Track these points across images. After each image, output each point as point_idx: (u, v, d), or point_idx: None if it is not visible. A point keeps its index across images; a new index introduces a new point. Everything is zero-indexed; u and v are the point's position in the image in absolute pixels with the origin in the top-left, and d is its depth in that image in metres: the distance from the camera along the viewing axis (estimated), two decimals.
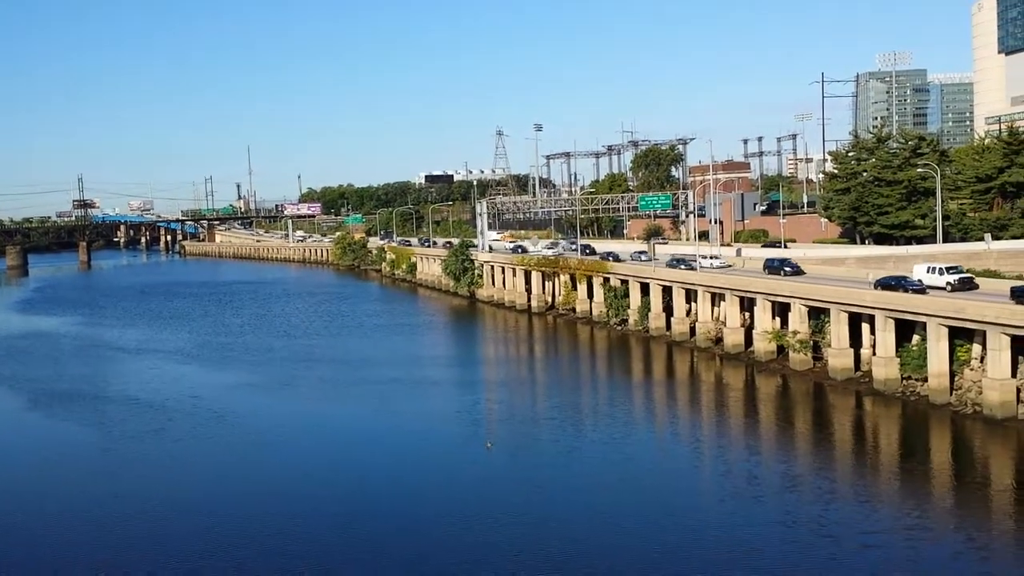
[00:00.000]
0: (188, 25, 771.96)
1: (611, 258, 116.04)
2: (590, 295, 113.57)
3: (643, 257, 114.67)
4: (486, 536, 43.44)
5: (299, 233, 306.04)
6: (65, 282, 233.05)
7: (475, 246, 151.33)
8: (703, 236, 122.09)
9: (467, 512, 46.94)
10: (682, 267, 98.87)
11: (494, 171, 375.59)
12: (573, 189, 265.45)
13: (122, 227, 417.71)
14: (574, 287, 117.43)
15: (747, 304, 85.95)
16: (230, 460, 59.33)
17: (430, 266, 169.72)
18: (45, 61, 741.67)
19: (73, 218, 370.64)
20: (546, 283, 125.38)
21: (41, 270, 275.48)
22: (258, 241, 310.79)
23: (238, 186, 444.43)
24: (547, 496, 49.29)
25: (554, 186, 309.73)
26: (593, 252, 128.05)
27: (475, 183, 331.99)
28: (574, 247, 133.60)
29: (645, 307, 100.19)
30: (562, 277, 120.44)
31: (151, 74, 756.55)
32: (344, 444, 63.50)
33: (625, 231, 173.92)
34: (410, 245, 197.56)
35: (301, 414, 72.15)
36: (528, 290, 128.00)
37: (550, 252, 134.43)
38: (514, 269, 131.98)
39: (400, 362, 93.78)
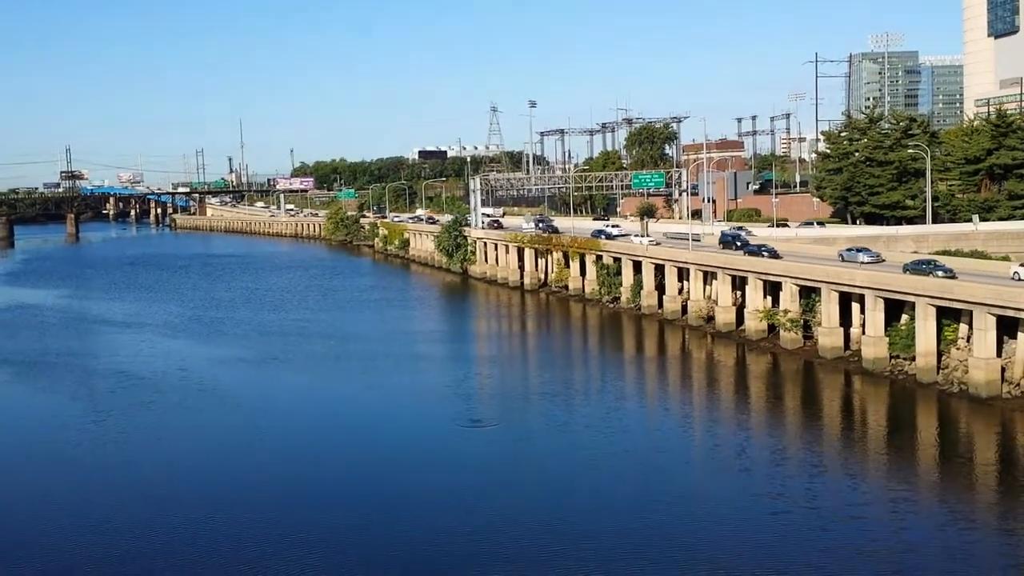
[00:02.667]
0: None
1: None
2: (583, 272, 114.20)
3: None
4: (474, 509, 44.13)
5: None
6: (52, 254, 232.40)
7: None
8: (696, 215, 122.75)
9: (455, 486, 47.53)
10: (936, 268, 69.41)
11: (488, 148, 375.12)
12: (567, 166, 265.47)
13: (111, 199, 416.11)
14: (567, 264, 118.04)
15: (739, 283, 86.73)
16: (218, 434, 59.43)
17: (423, 242, 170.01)
18: (31, 29, 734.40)
19: (61, 189, 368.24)
20: (539, 260, 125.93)
21: (27, 242, 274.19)
22: (266, 217, 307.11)
23: (230, 159, 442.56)
24: (537, 470, 50.01)
25: (548, 163, 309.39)
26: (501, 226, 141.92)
27: (469, 159, 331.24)
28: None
29: (637, 285, 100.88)
30: (555, 254, 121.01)
31: (142, 44, 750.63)
32: (333, 418, 63.98)
33: (618, 209, 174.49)
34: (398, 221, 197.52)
35: (291, 388, 72.57)
36: (521, 267, 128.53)
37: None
38: (507, 246, 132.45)
39: (392, 337, 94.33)
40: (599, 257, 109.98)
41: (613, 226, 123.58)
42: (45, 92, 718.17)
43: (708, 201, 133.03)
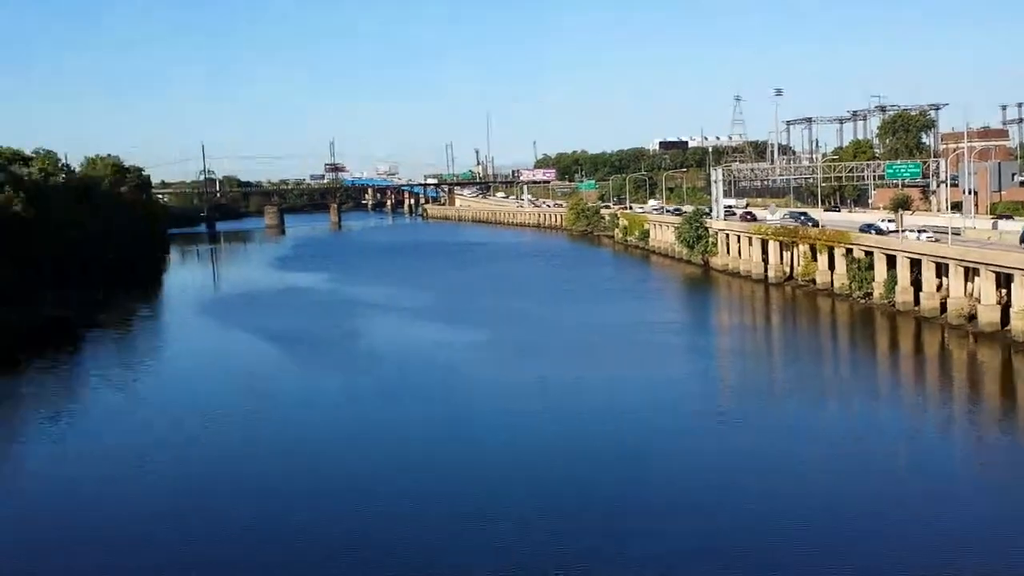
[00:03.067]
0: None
1: None
2: (831, 266, 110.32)
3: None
4: (716, 508, 43.67)
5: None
6: (318, 240, 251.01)
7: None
8: (955, 207, 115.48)
9: (695, 484, 47.30)
10: None
11: (731, 137, 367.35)
12: (814, 156, 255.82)
13: (369, 190, 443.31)
14: (814, 258, 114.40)
15: (1004, 280, 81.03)
16: (458, 419, 61.37)
17: (663, 233, 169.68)
18: (299, 37, 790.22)
19: (325, 181, 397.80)
20: (783, 253, 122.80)
21: (296, 229, 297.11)
22: (511, 207, 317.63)
23: (477, 152, 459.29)
24: (776, 473, 48.47)
25: (794, 153, 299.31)
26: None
27: (710, 150, 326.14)
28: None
29: (891, 280, 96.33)
30: (801, 247, 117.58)
31: (398, 44, 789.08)
32: (574, 409, 63.97)
33: (870, 200, 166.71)
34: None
35: (533, 376, 73.59)
36: (764, 260, 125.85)
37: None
38: (750, 238, 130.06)
39: (631, 327, 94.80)
40: (849, 250, 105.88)
41: (888, 221, 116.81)
42: (312, 90, 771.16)
43: (969, 193, 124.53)
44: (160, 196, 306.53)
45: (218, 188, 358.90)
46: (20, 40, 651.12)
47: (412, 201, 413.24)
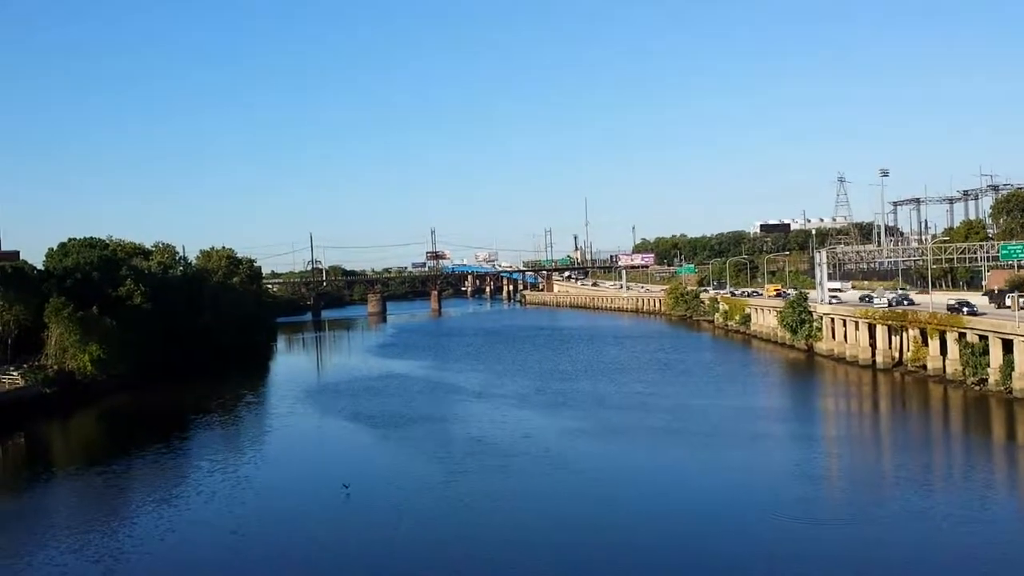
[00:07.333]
0: (530, 80, 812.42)
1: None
2: (943, 351, 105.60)
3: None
4: None
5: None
6: (418, 327, 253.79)
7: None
8: None
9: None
10: None
11: (835, 219, 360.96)
12: (924, 237, 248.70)
13: (469, 277, 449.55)
14: (924, 342, 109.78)
15: None
16: (564, 499, 61.10)
17: (765, 317, 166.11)
18: (401, 132, 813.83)
19: (426, 268, 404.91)
20: (892, 337, 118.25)
21: (398, 317, 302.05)
22: (610, 292, 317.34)
23: (575, 237, 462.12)
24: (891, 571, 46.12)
25: (901, 234, 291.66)
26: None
27: (813, 232, 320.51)
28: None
29: (1008, 366, 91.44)
30: (911, 331, 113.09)
31: (501, 135, 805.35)
32: (668, 496, 63.13)
33: (984, 282, 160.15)
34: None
35: (626, 461, 72.90)
36: (872, 344, 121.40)
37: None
38: (856, 322, 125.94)
39: (732, 413, 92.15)
40: (962, 334, 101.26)
41: (1002, 294, 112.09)
42: (414, 180, 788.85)
43: None
44: (270, 286, 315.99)
45: (324, 277, 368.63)
46: (141, 138, 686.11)
47: (511, 287, 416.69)
